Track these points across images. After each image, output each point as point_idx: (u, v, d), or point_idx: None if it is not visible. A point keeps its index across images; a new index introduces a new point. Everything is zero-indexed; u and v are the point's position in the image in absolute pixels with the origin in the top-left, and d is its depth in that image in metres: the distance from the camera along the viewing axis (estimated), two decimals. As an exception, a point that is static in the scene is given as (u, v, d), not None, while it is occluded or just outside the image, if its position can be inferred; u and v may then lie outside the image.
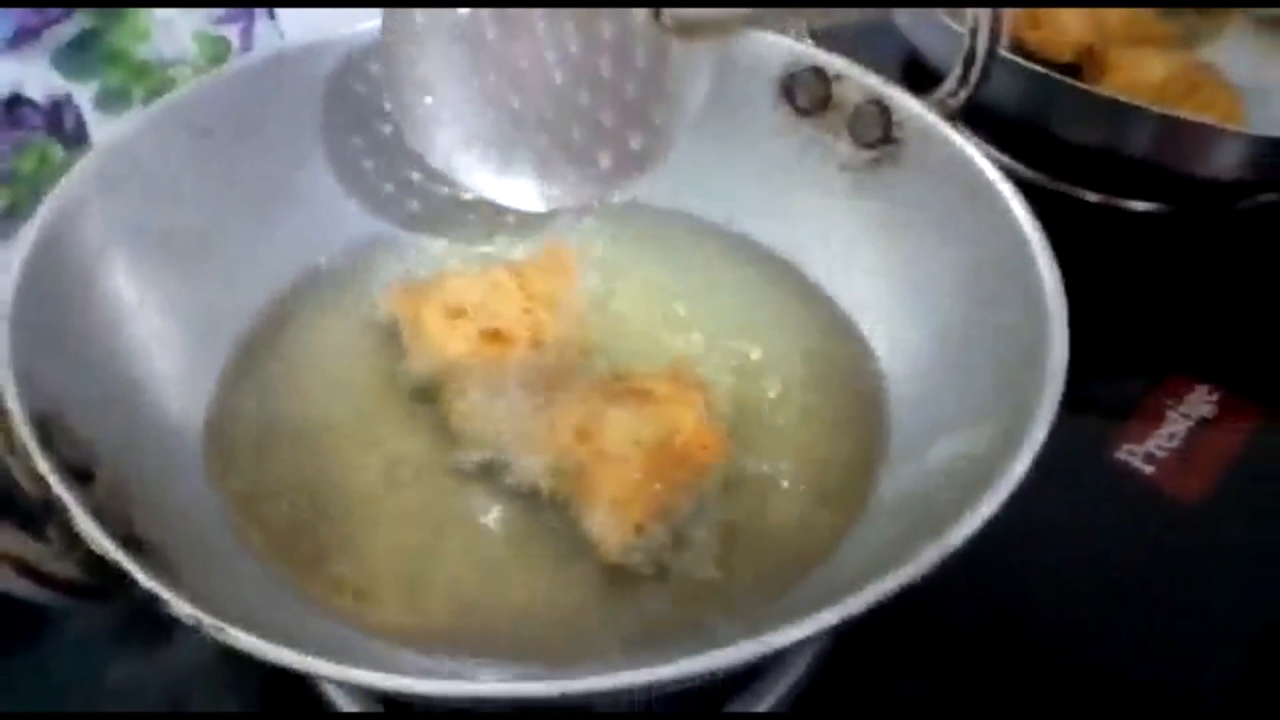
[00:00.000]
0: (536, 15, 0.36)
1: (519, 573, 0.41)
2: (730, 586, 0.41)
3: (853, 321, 0.51)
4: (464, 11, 0.36)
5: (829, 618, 0.31)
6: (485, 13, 0.36)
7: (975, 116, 0.70)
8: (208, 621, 0.30)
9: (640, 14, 0.36)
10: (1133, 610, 0.51)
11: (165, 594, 0.30)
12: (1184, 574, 0.53)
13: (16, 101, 0.59)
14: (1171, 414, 0.59)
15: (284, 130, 0.51)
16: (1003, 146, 0.71)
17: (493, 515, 0.43)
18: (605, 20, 0.36)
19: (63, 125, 0.61)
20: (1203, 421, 0.59)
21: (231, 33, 0.64)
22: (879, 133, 0.50)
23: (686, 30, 0.36)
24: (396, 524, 0.43)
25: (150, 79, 0.62)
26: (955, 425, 0.43)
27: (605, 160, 0.38)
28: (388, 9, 0.36)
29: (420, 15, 0.36)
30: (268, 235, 0.50)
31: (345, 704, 0.44)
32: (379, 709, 0.44)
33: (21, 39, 0.57)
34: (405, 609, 0.40)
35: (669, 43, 0.36)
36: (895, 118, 0.50)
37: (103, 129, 0.61)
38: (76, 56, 0.60)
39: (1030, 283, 0.43)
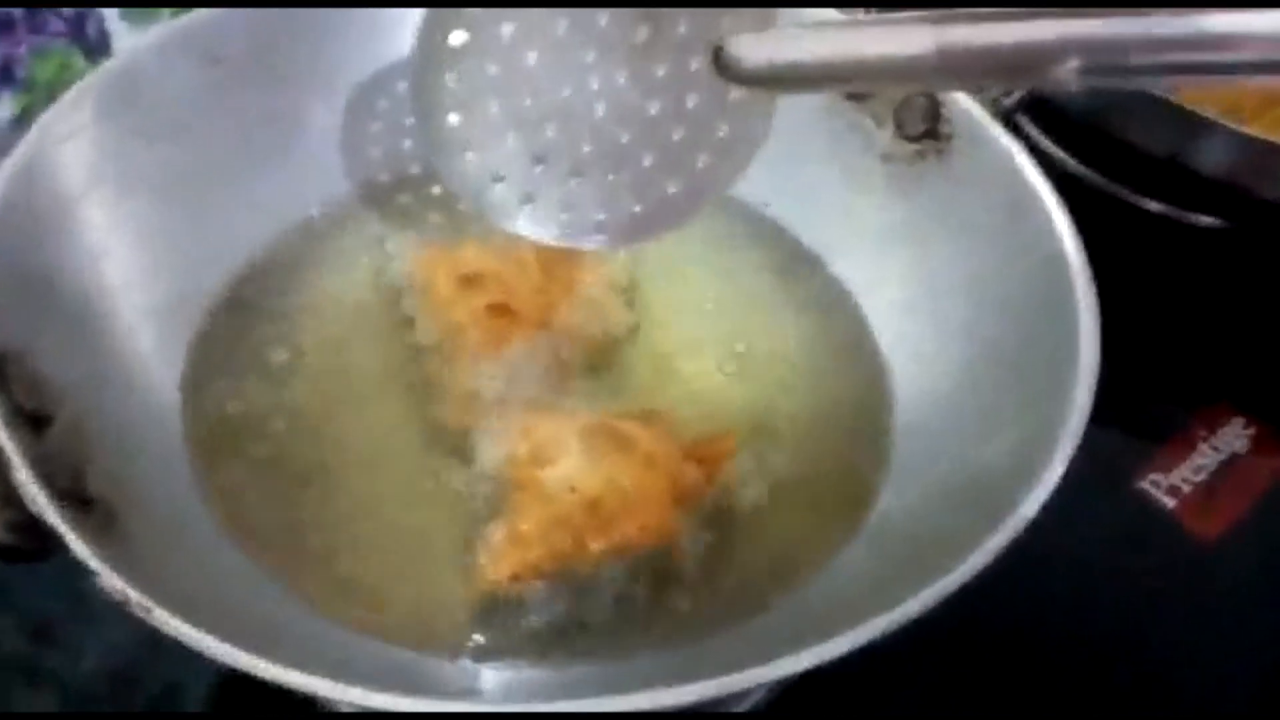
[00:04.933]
0: (587, 43, 0.34)
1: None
2: (702, 606, 0.39)
3: (871, 324, 0.48)
4: (508, 29, 0.33)
5: (794, 664, 0.29)
6: (531, 33, 0.33)
7: (1037, 109, 0.67)
8: (135, 598, 0.29)
9: (700, 56, 0.33)
10: (1141, 646, 0.50)
11: (94, 562, 0.29)
12: (1196, 612, 0.51)
13: (39, 6, 0.57)
14: (1203, 445, 0.57)
15: (302, 66, 0.49)
16: (1063, 142, 0.68)
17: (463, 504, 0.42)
18: (661, 59, 0.34)
19: (85, 34, 0.59)
20: (1233, 457, 0.57)
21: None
22: (925, 125, 0.48)
23: (752, 79, 0.33)
24: (373, 506, 0.42)
25: (180, -8, 0.60)
26: (968, 447, 0.41)
27: (638, 205, 0.36)
28: (426, 21, 0.33)
29: (458, 33, 0.33)
30: (268, 177, 0.48)
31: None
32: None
33: (48, -58, 0.56)
34: (360, 597, 0.39)
35: (726, 89, 0.34)
36: (944, 112, 0.47)
37: (126, 41, 0.60)
38: (106, -36, 0.58)
39: (1065, 307, 0.40)
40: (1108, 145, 0.65)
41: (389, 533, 0.41)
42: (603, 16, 0.33)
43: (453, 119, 0.34)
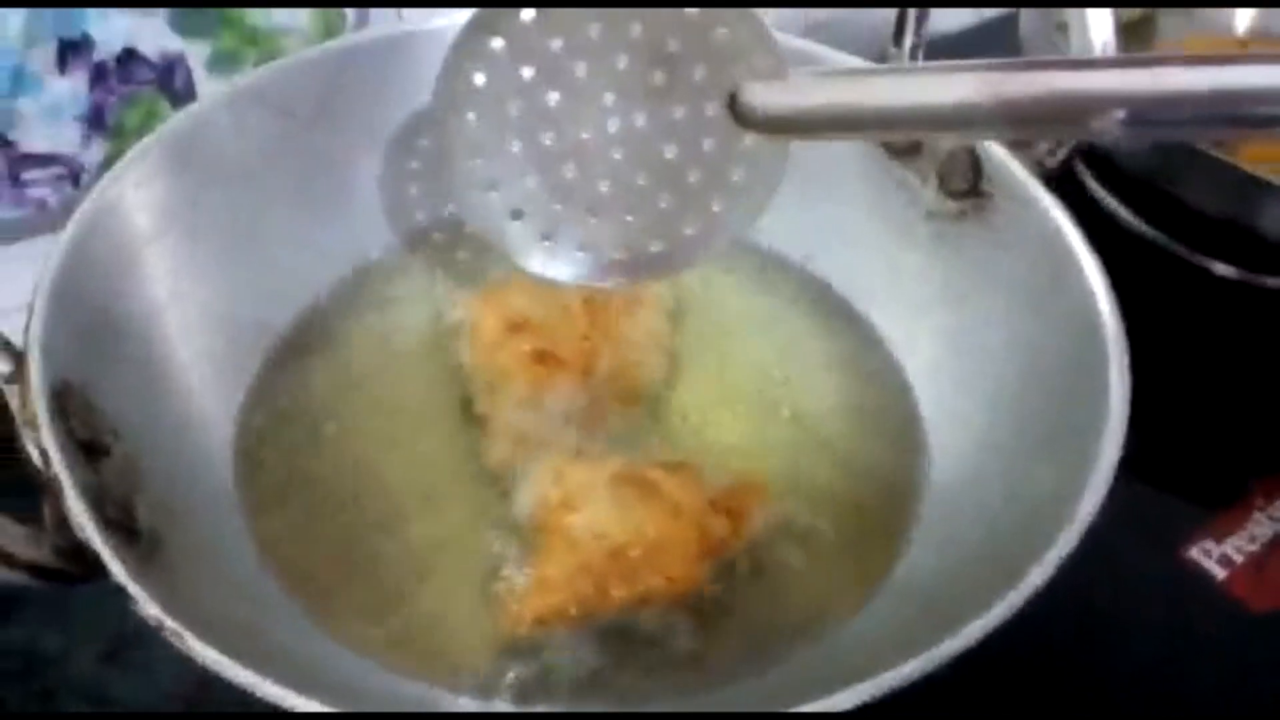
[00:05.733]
0: (607, 85, 0.35)
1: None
2: (722, 657, 0.40)
3: (909, 380, 0.49)
4: (529, 72, 0.34)
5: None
6: (551, 76, 0.35)
7: (1101, 165, 0.67)
8: (168, 625, 0.30)
9: (716, 101, 0.34)
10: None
11: (132, 588, 0.31)
12: (1242, 684, 0.50)
13: (130, 56, 0.60)
14: (1259, 515, 0.56)
15: (366, 116, 0.51)
16: (1128, 201, 0.68)
17: (497, 545, 0.43)
18: (678, 103, 0.35)
19: (173, 83, 0.62)
20: (1292, 529, 0.55)
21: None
22: (967, 184, 0.48)
23: (765, 125, 0.34)
24: (410, 545, 0.43)
25: (262, 45, 0.63)
26: (994, 508, 0.41)
27: (656, 245, 0.37)
28: (448, 61, 0.35)
29: (482, 74, 0.34)
30: (329, 223, 0.50)
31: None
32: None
33: (141, -3, 0.58)
34: (388, 633, 0.40)
35: (741, 135, 0.35)
36: (986, 170, 0.47)
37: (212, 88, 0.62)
38: (192, 17, 0.60)
39: (1097, 373, 0.40)
40: (1172, 205, 0.64)
41: (423, 572, 0.42)
42: (621, 59, 0.34)
43: (475, 157, 0.35)
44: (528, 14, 0.34)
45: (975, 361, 0.46)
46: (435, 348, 0.49)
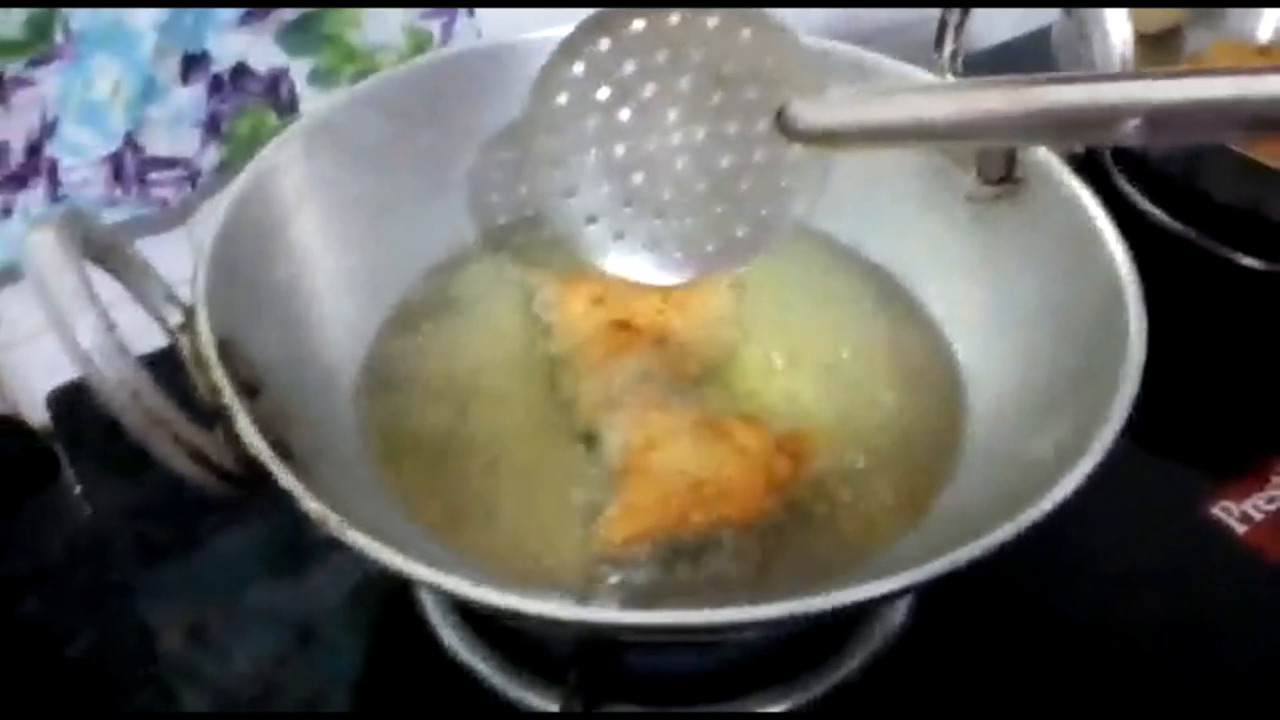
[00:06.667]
0: (671, 104, 0.40)
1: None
2: (773, 574, 0.45)
3: (952, 346, 0.53)
4: (605, 93, 0.39)
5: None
6: (623, 96, 0.40)
7: (1128, 162, 0.72)
8: (333, 519, 0.35)
9: (766, 118, 0.40)
10: (1210, 663, 0.52)
11: (299, 491, 0.36)
12: (1265, 632, 0.54)
13: (241, 71, 0.66)
14: (1277, 479, 0.60)
15: (466, 117, 0.57)
16: (1154, 197, 0.72)
17: (586, 482, 0.48)
18: (732, 119, 0.40)
19: (278, 95, 0.68)
20: (1307, 490, 0.59)
21: (434, 26, 0.71)
22: (1003, 171, 0.52)
23: (811, 138, 0.39)
24: (508, 476, 0.49)
25: (358, 61, 0.69)
26: (1026, 447, 0.46)
27: (711, 245, 0.42)
28: (536, 84, 0.40)
29: (564, 95, 0.40)
30: (438, 205, 0.56)
31: (454, 642, 0.51)
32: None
33: (251, 18, 0.65)
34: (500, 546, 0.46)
35: (788, 147, 0.40)
36: (1019, 157, 0.52)
37: (312, 102, 0.69)
38: (297, 36, 0.67)
39: (1120, 333, 0.44)
40: (1196, 200, 0.69)
41: (524, 504, 0.47)
42: (684, 81, 0.39)
43: (556, 168, 0.41)
44: (604, 42, 0.39)
45: (1010, 326, 0.51)
46: (528, 316, 0.55)
